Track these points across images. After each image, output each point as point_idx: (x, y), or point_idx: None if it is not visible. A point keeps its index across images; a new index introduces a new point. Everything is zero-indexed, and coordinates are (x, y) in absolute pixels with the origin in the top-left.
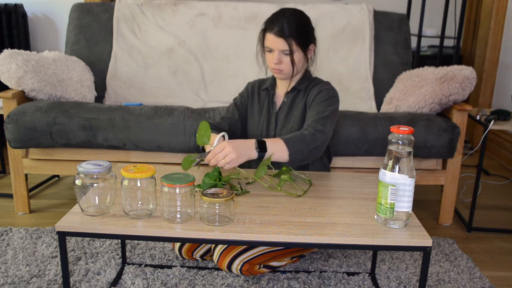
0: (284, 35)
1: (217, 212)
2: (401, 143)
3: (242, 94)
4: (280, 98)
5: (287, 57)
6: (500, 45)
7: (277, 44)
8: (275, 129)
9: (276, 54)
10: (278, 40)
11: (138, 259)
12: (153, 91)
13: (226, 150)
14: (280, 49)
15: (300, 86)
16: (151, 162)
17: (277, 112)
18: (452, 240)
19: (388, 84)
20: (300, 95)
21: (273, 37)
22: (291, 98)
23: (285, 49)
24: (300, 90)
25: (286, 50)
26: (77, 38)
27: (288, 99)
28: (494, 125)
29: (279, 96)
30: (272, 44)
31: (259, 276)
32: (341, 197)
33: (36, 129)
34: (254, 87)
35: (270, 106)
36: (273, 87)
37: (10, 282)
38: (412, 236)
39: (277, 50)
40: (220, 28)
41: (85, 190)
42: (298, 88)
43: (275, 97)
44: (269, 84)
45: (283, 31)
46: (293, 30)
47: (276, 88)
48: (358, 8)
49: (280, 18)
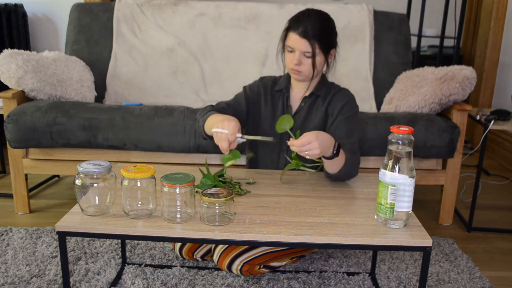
0: (308, 36)
1: (217, 212)
2: (401, 143)
3: (253, 89)
4: (295, 101)
5: (308, 60)
6: (500, 45)
7: (300, 45)
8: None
9: (297, 55)
10: (302, 41)
11: (138, 259)
12: (153, 91)
13: (313, 145)
14: (302, 50)
15: (319, 92)
16: (151, 162)
17: (293, 116)
18: (452, 240)
19: (388, 84)
20: (319, 101)
21: (297, 37)
22: (309, 103)
23: (308, 51)
24: (319, 96)
25: (308, 52)
26: (77, 38)
27: (305, 104)
28: (494, 125)
29: (294, 99)
30: (294, 44)
31: (259, 276)
32: (341, 197)
33: (36, 129)
34: (267, 86)
35: (285, 109)
36: (288, 90)
37: (10, 282)
38: (412, 236)
39: (298, 51)
40: (220, 28)
41: (85, 190)
42: (317, 94)
43: (290, 100)
44: (283, 86)
45: (307, 32)
46: (318, 32)
47: (290, 91)
48: (358, 8)
49: (305, 18)
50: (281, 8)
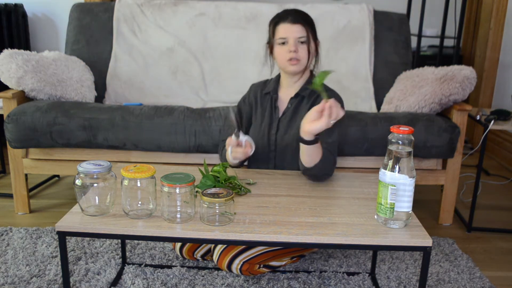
0: (300, 21)
1: (217, 212)
2: (401, 143)
3: (246, 100)
4: (283, 102)
5: (303, 46)
6: (500, 45)
7: (293, 31)
8: (276, 134)
9: (292, 42)
10: (295, 27)
11: (138, 259)
12: (153, 91)
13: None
14: (296, 36)
15: (304, 92)
16: (151, 162)
17: (280, 118)
18: (452, 240)
19: (388, 84)
20: (304, 101)
21: (289, 25)
22: (295, 104)
23: (302, 35)
24: (304, 96)
25: (303, 37)
26: (77, 38)
27: (292, 105)
28: (494, 125)
29: (282, 100)
30: (287, 32)
31: (259, 276)
32: (341, 197)
33: (36, 129)
34: (257, 91)
35: (273, 111)
36: (276, 91)
37: (10, 282)
38: (412, 236)
39: (293, 38)
40: (220, 28)
41: (85, 190)
42: (302, 94)
43: (278, 102)
44: (271, 88)
45: (298, 18)
46: (306, 19)
47: (279, 92)
48: (358, 8)
49: (289, 11)
50: (281, 8)
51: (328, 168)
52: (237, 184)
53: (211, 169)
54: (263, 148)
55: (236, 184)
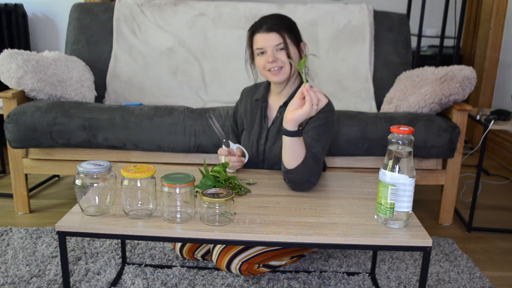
0: (274, 29)
1: (217, 212)
2: (401, 143)
3: (238, 106)
4: (272, 111)
5: (282, 52)
6: (500, 45)
7: (269, 39)
8: (265, 144)
9: (270, 52)
10: (270, 35)
11: (138, 259)
12: (153, 91)
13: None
14: (273, 45)
15: None
16: (151, 162)
17: (269, 127)
18: (452, 240)
19: (388, 84)
20: None
21: (264, 34)
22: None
23: (279, 43)
24: None
25: (280, 44)
26: (77, 38)
27: (281, 114)
28: (494, 125)
29: (272, 108)
30: (264, 42)
31: (259, 276)
32: (341, 197)
33: (36, 129)
34: (248, 96)
35: (263, 120)
36: (265, 99)
37: (10, 282)
38: (412, 236)
39: (270, 47)
40: (220, 28)
41: (85, 190)
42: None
43: (267, 110)
44: (260, 96)
45: (272, 27)
46: (281, 25)
47: (269, 99)
48: (358, 8)
49: (264, 19)
50: (281, 8)
51: (311, 175)
52: (237, 184)
53: (211, 169)
54: (252, 158)
55: (236, 184)
